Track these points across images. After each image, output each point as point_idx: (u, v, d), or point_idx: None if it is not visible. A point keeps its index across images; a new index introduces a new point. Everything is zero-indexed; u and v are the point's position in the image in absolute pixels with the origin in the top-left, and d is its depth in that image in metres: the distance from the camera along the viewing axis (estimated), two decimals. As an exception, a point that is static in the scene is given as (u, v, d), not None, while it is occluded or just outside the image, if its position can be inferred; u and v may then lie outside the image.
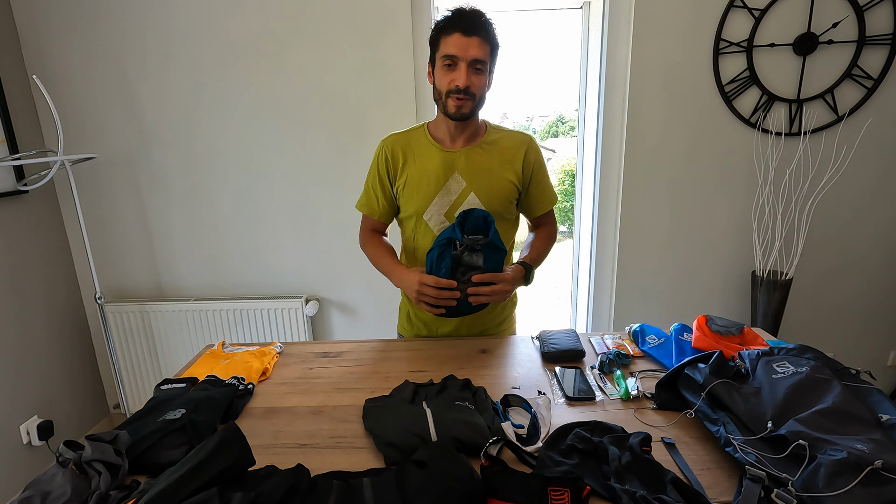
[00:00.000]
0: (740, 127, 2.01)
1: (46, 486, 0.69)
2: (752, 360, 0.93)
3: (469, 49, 1.08)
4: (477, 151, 1.21)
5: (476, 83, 1.11)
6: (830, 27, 1.88)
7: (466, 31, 1.08)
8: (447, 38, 1.10)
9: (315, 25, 1.95)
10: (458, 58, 1.09)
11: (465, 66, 1.09)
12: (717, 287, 2.21)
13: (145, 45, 1.98)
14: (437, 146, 1.22)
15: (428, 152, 1.22)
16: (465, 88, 1.10)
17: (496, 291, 1.11)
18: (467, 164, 1.20)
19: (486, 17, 1.11)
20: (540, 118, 21.79)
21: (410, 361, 1.16)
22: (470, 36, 1.08)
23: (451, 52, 1.09)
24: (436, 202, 1.21)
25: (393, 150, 1.24)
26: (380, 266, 1.30)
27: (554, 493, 0.66)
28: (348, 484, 0.72)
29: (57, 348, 2.14)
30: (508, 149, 1.23)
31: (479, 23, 1.09)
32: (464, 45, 1.08)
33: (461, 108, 1.13)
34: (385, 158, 1.25)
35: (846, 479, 0.63)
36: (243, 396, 1.01)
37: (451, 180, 1.20)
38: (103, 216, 2.17)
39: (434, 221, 1.23)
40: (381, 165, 1.26)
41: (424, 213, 1.22)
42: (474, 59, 1.09)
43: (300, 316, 2.18)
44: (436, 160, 1.21)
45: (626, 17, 1.94)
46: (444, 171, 1.20)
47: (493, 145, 1.23)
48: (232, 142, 2.08)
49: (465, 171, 1.20)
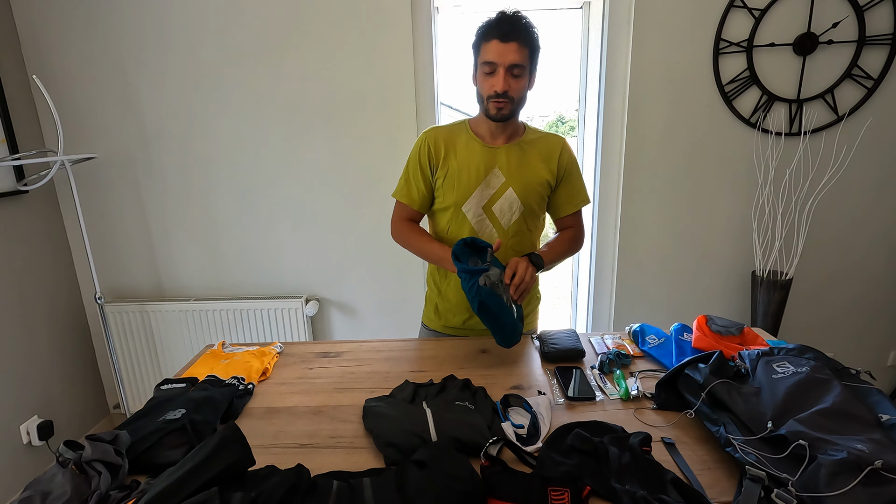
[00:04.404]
0: (740, 127, 2.01)
1: (46, 486, 0.69)
2: (752, 360, 0.93)
3: (507, 55, 1.12)
4: (516, 149, 1.26)
5: (515, 87, 1.15)
6: (830, 27, 1.88)
7: (504, 37, 1.11)
8: (486, 44, 1.14)
9: (315, 25, 1.95)
10: (496, 64, 1.13)
11: (503, 72, 1.13)
12: (717, 287, 2.21)
13: (145, 45, 1.98)
14: (479, 141, 1.27)
15: (469, 147, 1.27)
16: (503, 93, 1.14)
17: (521, 273, 1.11)
18: (507, 160, 1.25)
19: (526, 20, 1.14)
20: (540, 118, 21.76)
21: (410, 361, 1.16)
22: (508, 42, 1.11)
23: (490, 59, 1.14)
24: (476, 195, 1.25)
25: (436, 142, 1.28)
26: (429, 253, 1.30)
27: (554, 493, 0.66)
28: (348, 484, 0.72)
29: (57, 348, 2.14)
30: (545, 148, 1.28)
31: (518, 27, 1.12)
32: (502, 50, 1.12)
33: (501, 111, 1.18)
34: (428, 149, 1.29)
35: (846, 479, 0.63)
36: (243, 396, 1.01)
37: (492, 175, 1.25)
38: (103, 216, 2.17)
39: (472, 213, 1.27)
40: (422, 156, 1.29)
41: (464, 204, 1.26)
42: (512, 63, 1.12)
43: (300, 316, 2.18)
44: (477, 155, 1.26)
45: (626, 17, 1.94)
46: (485, 165, 1.25)
47: (532, 145, 1.28)
48: (232, 142, 2.08)
49: (504, 167, 1.25)
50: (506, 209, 1.26)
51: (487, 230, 1.28)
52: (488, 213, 1.27)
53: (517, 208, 1.26)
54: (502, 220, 1.27)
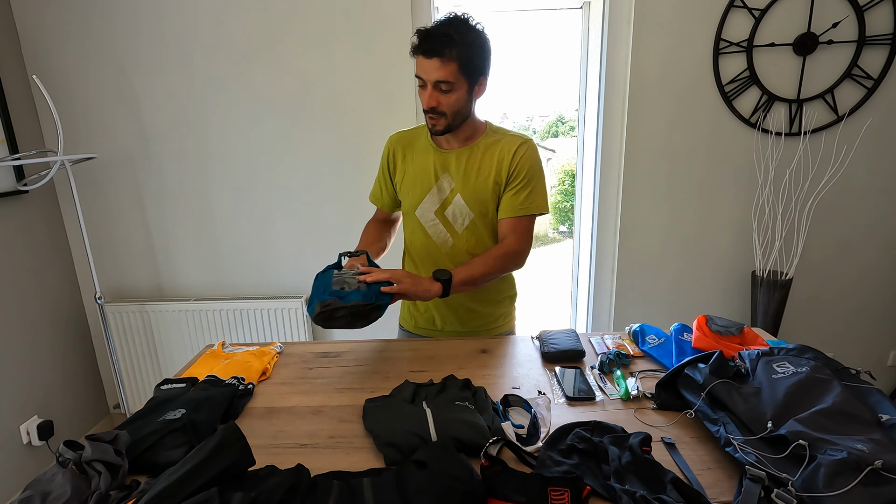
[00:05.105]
0: (740, 127, 2.01)
1: (46, 486, 0.69)
2: (752, 360, 0.93)
3: (430, 72, 1.09)
4: (468, 153, 1.23)
5: (445, 102, 1.12)
6: (830, 27, 1.88)
7: (426, 53, 1.08)
8: (416, 58, 1.11)
9: (315, 25, 1.95)
10: (423, 79, 1.11)
11: (430, 88, 1.11)
12: (717, 287, 2.21)
13: (145, 45, 1.98)
14: (433, 146, 1.26)
15: (425, 151, 1.27)
16: (433, 108, 1.13)
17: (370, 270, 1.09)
18: (458, 165, 1.23)
19: (451, 32, 1.06)
20: (540, 118, 21.80)
21: (410, 361, 1.16)
22: (430, 58, 1.08)
23: (419, 74, 1.12)
24: (427, 199, 1.25)
25: (396, 146, 1.31)
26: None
27: (554, 493, 0.66)
28: (348, 484, 0.72)
29: (57, 348, 2.14)
30: (500, 151, 1.21)
31: (440, 43, 1.06)
32: (426, 67, 1.09)
33: (435, 126, 1.17)
34: (389, 154, 1.32)
35: (846, 479, 0.63)
36: (243, 396, 1.01)
37: (443, 179, 1.24)
38: (103, 216, 2.17)
39: (425, 218, 1.27)
40: (385, 161, 1.33)
41: (417, 209, 1.27)
42: (437, 80, 1.09)
43: (300, 316, 2.18)
44: (430, 160, 1.25)
45: (626, 17, 1.94)
46: (436, 170, 1.24)
47: (487, 148, 1.22)
48: (232, 142, 2.08)
49: (455, 172, 1.23)
50: (458, 214, 1.24)
51: (442, 235, 1.27)
52: (441, 217, 1.26)
53: (467, 214, 1.24)
54: (455, 225, 1.26)
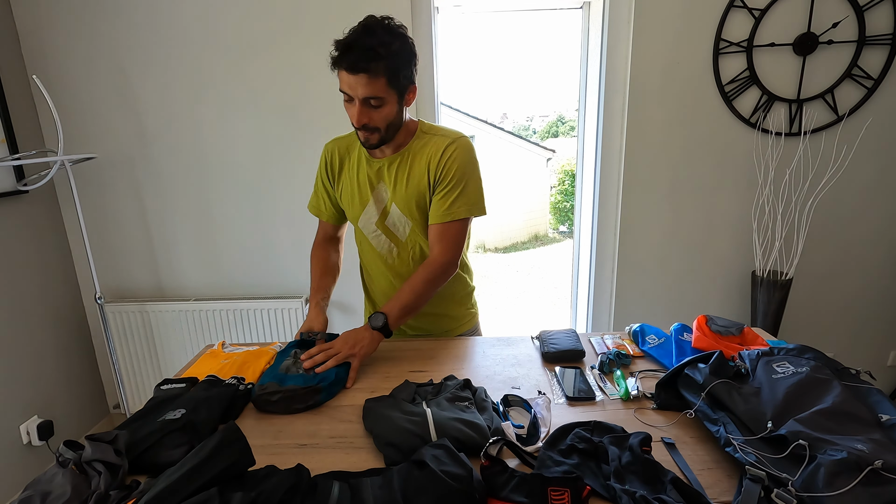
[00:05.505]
0: (740, 127, 2.01)
1: (46, 486, 0.69)
2: (752, 360, 0.92)
3: (357, 88, 1.01)
4: (399, 160, 1.17)
5: (376, 117, 1.06)
6: (830, 27, 1.88)
7: (351, 69, 0.99)
8: (339, 72, 1.02)
9: (316, 26, 1.95)
10: (351, 96, 1.04)
11: (359, 104, 1.04)
12: (716, 287, 2.21)
13: (145, 45, 1.98)
14: (367, 155, 1.20)
15: (360, 161, 1.22)
16: (362, 126, 1.06)
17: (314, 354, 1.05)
18: (389, 173, 1.18)
19: (375, 44, 0.98)
20: (540, 118, 21.81)
21: (410, 361, 1.16)
22: (356, 74, 1.00)
23: (344, 89, 1.04)
24: (367, 211, 1.22)
25: (332, 156, 1.26)
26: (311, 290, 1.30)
27: (554, 493, 0.66)
28: (348, 484, 0.72)
29: (57, 348, 2.14)
30: (429, 152, 1.15)
31: (365, 58, 0.98)
32: (352, 83, 1.01)
33: (369, 140, 1.10)
34: (326, 163, 1.27)
35: (846, 479, 0.63)
36: (243, 396, 1.01)
37: (380, 188, 1.20)
38: (103, 216, 2.17)
39: (367, 230, 1.24)
40: (323, 169, 1.28)
41: (358, 221, 1.24)
42: (365, 96, 1.02)
43: (300, 316, 2.18)
44: (364, 170, 1.21)
45: (626, 17, 1.94)
46: (371, 180, 1.20)
47: (418, 152, 1.16)
48: (232, 142, 2.08)
49: (388, 181, 1.18)
50: (398, 223, 1.21)
51: (385, 246, 1.24)
52: (382, 227, 1.22)
53: (405, 222, 1.20)
54: (398, 234, 1.22)
